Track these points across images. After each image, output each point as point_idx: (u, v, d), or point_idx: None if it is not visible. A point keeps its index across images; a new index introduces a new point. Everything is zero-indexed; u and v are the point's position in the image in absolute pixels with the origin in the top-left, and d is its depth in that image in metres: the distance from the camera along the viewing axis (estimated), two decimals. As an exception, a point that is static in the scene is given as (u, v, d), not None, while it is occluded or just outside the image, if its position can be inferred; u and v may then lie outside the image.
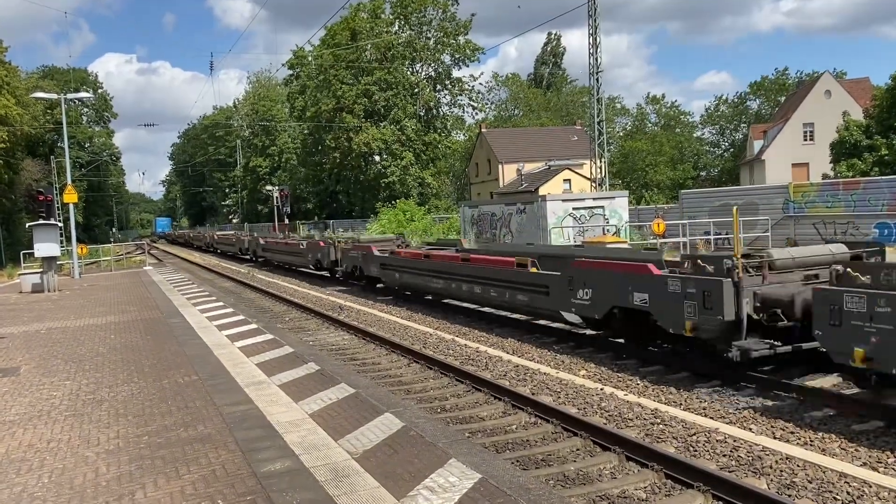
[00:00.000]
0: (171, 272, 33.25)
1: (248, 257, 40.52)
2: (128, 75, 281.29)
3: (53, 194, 32.76)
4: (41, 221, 25.79)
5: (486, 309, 15.76)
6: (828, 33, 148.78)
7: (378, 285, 21.11)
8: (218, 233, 63.21)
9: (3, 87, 48.26)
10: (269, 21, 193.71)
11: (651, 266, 9.91)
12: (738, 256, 8.72)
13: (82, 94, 47.93)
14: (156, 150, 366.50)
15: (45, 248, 23.93)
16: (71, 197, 29.98)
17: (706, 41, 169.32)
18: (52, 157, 63.97)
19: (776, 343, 8.56)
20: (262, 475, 5.60)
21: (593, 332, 12.04)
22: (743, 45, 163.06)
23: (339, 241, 25.32)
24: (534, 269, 12.99)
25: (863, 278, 7.22)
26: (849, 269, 7.43)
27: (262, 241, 37.16)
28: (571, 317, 11.85)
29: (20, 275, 27.11)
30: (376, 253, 20.49)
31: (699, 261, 9.40)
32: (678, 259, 10.41)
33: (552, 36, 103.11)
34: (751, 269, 9.19)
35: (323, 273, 26.73)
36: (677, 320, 9.18)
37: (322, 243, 26.05)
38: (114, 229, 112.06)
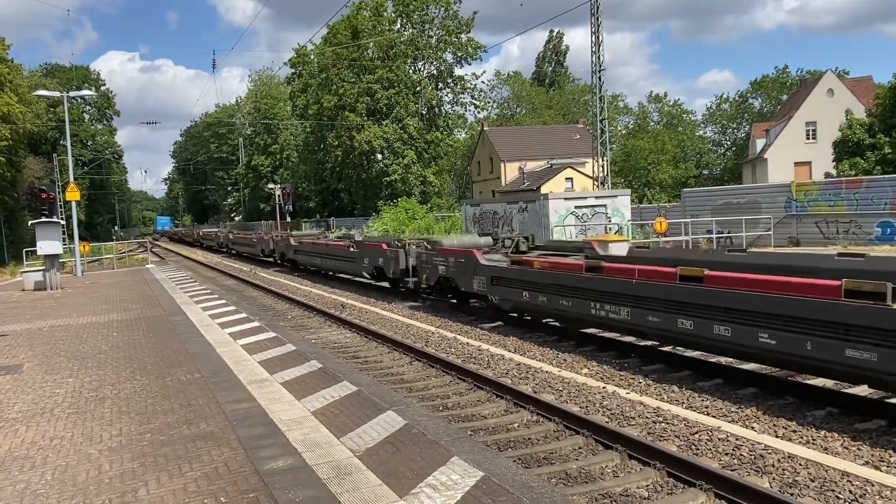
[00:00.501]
0: (173, 270, 33.28)
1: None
2: (130, 73, 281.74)
3: (56, 192, 32.82)
4: (44, 219, 25.81)
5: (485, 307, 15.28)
6: (831, 31, 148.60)
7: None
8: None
9: (5, 84, 48.28)
10: (272, 19, 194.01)
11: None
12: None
13: (84, 92, 47.90)
14: (158, 147, 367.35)
15: (48, 245, 23.96)
16: (73, 195, 29.99)
17: (709, 40, 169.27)
18: (54, 154, 64.02)
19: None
20: (265, 473, 5.60)
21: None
22: (746, 43, 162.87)
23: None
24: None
25: (430, 248, 17.62)
26: (426, 243, 18.51)
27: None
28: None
29: (23, 272, 27.15)
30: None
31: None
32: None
33: (554, 34, 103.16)
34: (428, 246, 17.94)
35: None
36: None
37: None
38: (116, 227, 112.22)
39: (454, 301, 16.85)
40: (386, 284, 21.19)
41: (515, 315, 14.32)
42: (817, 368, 7.94)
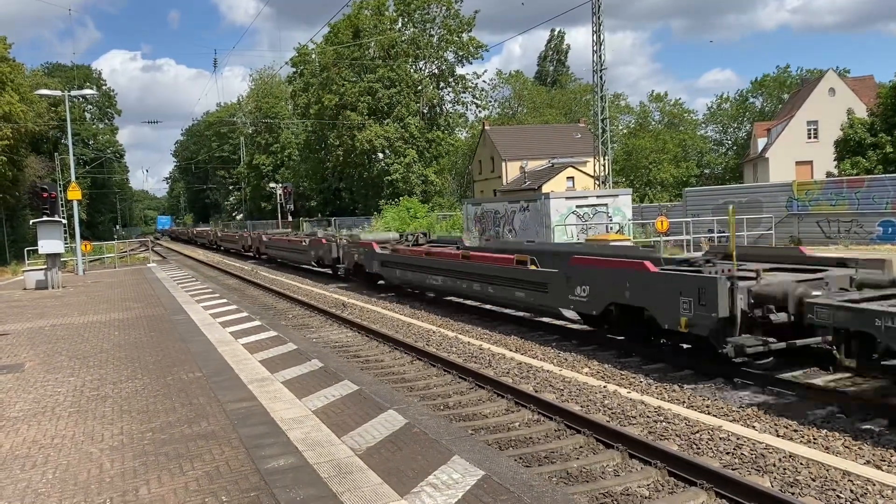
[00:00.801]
0: (174, 269, 33.31)
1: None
2: (132, 72, 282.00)
3: (57, 191, 32.82)
4: (45, 218, 25.84)
5: (487, 307, 15.78)
6: (833, 31, 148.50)
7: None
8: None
9: (7, 84, 48.33)
10: (274, 18, 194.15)
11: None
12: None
13: (86, 91, 47.90)
14: (160, 146, 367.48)
15: (49, 245, 23.99)
16: (75, 194, 30.02)
17: (711, 38, 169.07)
18: (55, 154, 64.07)
19: None
20: (266, 472, 5.61)
21: (591, 329, 12.11)
22: (748, 42, 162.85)
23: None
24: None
25: (350, 242, 23.54)
26: (349, 238, 24.88)
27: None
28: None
29: (24, 271, 27.18)
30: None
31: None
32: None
33: (555, 33, 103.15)
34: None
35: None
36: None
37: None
38: (117, 226, 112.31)
39: (364, 280, 22.38)
40: (329, 271, 26.09)
41: (399, 286, 20.09)
42: (514, 305, 14.29)
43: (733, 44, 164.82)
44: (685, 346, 10.22)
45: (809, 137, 58.44)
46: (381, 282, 21.16)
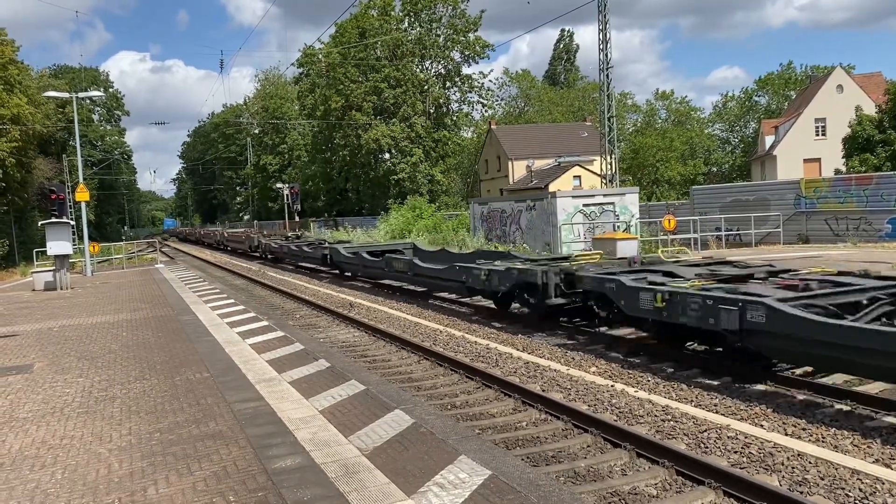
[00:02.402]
0: (182, 270, 33.40)
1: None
2: (141, 73, 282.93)
3: (66, 193, 32.94)
4: (54, 220, 25.95)
5: (489, 305, 15.79)
6: (842, 28, 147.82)
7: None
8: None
9: (15, 86, 48.60)
10: (282, 18, 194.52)
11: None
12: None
13: (93, 93, 48.18)
14: (168, 147, 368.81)
15: (58, 246, 24.09)
16: (83, 195, 30.15)
17: (719, 36, 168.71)
18: (63, 155, 64.38)
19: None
20: (273, 471, 5.62)
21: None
22: (756, 40, 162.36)
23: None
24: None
25: (265, 239, 41.15)
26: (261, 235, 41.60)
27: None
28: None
29: (33, 272, 27.31)
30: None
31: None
32: None
33: (565, 33, 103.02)
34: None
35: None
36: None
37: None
38: (125, 227, 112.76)
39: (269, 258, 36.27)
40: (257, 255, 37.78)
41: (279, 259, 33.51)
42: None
43: (742, 41, 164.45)
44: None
45: (817, 135, 58.19)
46: (269, 256, 37.52)
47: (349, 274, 25.26)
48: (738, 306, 8.33)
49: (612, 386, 9.07)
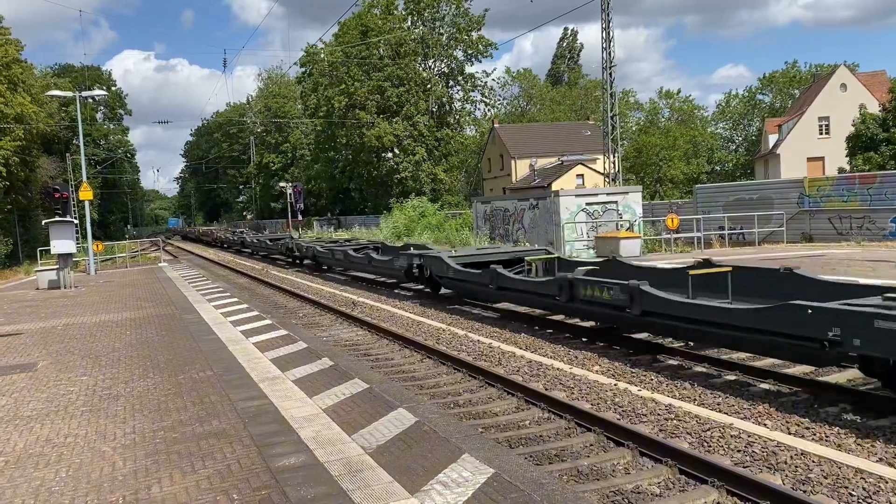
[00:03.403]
0: (185, 268, 33.45)
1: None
2: (146, 72, 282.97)
3: (69, 191, 33.04)
4: (57, 219, 26.02)
5: (498, 305, 15.74)
6: (847, 26, 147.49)
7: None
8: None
9: (19, 85, 48.66)
10: (286, 17, 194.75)
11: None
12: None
13: (97, 92, 48.19)
14: (172, 146, 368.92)
15: (62, 244, 24.13)
16: (86, 194, 30.20)
17: (723, 34, 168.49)
18: (67, 154, 64.44)
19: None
20: (277, 470, 5.63)
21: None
22: (760, 38, 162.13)
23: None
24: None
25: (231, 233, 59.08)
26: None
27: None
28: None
29: (37, 271, 27.36)
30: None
31: None
32: None
33: (568, 32, 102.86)
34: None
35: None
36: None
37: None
38: (129, 226, 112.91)
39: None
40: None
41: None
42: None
43: (746, 39, 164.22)
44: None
45: (821, 133, 58.09)
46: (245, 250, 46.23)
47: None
48: None
49: (614, 384, 9.07)
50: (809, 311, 7.62)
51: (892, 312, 6.83)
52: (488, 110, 73.61)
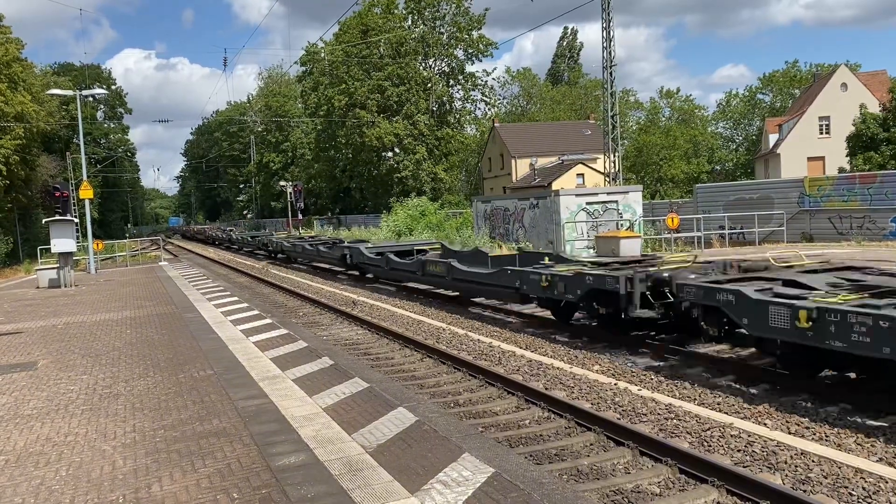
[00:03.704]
0: (185, 267, 33.45)
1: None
2: (146, 71, 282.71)
3: (69, 190, 33.05)
4: (57, 217, 26.02)
5: (501, 304, 15.81)
6: (848, 25, 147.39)
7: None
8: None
9: (19, 83, 48.66)
10: (287, 16, 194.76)
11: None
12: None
13: (97, 91, 48.11)
14: (173, 145, 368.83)
15: (62, 243, 24.13)
16: (87, 193, 30.20)
17: (725, 34, 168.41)
18: (67, 153, 64.44)
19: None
20: (277, 469, 5.63)
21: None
22: (762, 38, 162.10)
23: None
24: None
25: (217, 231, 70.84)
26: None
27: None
28: None
29: (37, 270, 27.37)
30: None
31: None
32: None
33: (568, 31, 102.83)
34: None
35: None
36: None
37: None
38: (129, 225, 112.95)
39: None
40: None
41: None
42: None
43: (747, 39, 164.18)
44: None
45: (821, 133, 58.07)
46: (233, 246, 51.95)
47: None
48: None
49: (615, 384, 9.07)
50: (508, 271, 13.86)
51: (539, 271, 12.74)
52: (488, 109, 73.61)
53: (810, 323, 7.43)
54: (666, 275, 10.38)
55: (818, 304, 7.55)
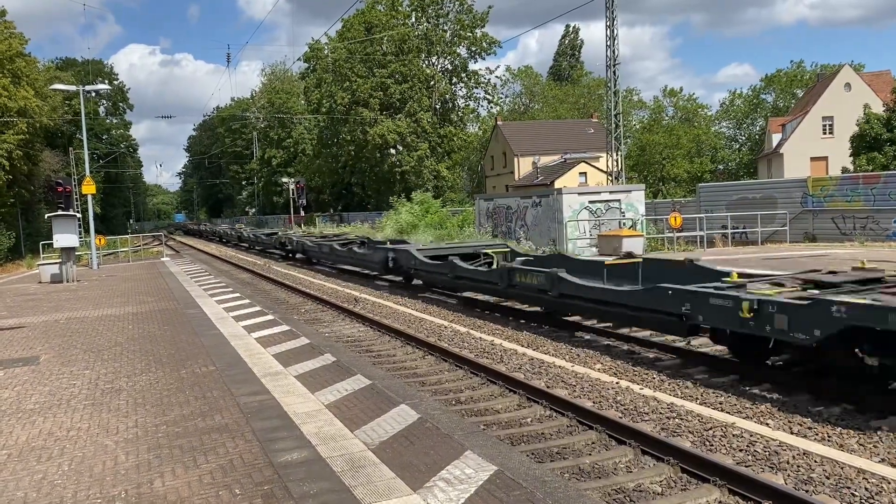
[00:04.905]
0: (187, 263, 33.46)
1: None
2: (151, 67, 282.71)
3: (72, 185, 33.05)
4: (60, 212, 26.02)
5: (504, 303, 15.79)
6: (853, 25, 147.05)
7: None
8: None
9: (22, 78, 48.69)
10: (291, 13, 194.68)
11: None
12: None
13: (100, 87, 48.22)
14: (176, 141, 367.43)
15: (64, 238, 24.15)
16: (89, 188, 30.23)
17: (730, 33, 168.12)
18: (70, 148, 64.46)
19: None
20: (279, 465, 5.64)
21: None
22: (767, 37, 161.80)
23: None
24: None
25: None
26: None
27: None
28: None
29: (39, 265, 27.40)
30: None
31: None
32: None
33: (570, 29, 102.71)
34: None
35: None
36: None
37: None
38: (131, 220, 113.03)
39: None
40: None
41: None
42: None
43: (752, 38, 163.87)
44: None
45: (825, 133, 57.96)
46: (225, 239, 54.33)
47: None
48: None
49: (616, 383, 9.07)
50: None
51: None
52: (492, 107, 73.55)
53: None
54: None
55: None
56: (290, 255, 34.93)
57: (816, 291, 8.38)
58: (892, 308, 6.88)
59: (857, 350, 7.80)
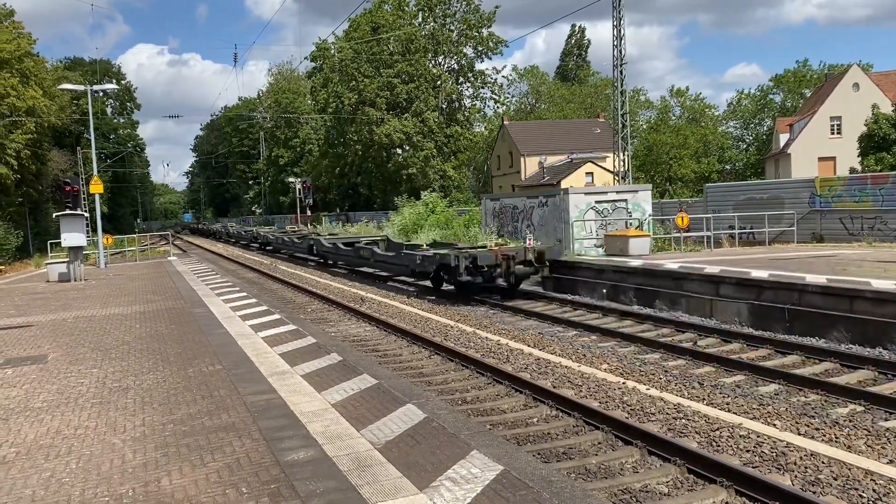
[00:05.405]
0: (194, 262, 33.54)
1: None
2: (159, 67, 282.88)
3: (80, 185, 33.14)
4: (68, 212, 26.10)
5: (506, 303, 15.78)
6: (862, 24, 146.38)
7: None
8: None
9: (31, 78, 48.88)
10: (298, 13, 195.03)
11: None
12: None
13: (108, 86, 48.30)
14: (184, 140, 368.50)
15: (72, 238, 24.22)
16: (97, 188, 30.32)
17: (737, 33, 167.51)
18: (78, 147, 64.69)
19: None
20: (286, 464, 5.64)
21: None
22: (775, 37, 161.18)
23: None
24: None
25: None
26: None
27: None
28: None
29: (47, 264, 27.50)
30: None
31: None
32: None
33: (576, 28, 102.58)
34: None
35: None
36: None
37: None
38: (138, 220, 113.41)
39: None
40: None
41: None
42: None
43: (760, 38, 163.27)
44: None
45: (832, 133, 57.73)
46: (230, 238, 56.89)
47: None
48: None
49: (623, 383, 9.05)
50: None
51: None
52: (498, 107, 73.50)
53: None
54: None
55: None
56: (233, 239, 40.74)
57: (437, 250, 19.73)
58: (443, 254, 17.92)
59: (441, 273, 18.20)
